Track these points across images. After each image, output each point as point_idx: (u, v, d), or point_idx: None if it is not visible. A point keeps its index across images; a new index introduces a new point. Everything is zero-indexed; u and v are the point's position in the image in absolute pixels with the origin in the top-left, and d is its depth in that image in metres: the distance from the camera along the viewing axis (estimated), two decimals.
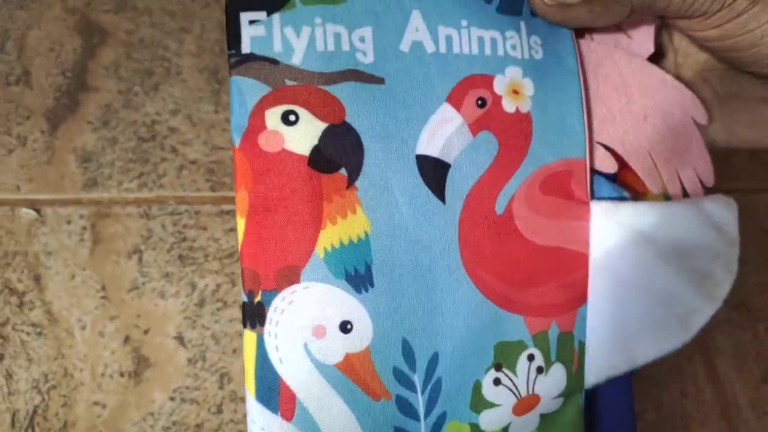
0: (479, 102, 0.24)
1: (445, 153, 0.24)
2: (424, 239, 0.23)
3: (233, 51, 0.23)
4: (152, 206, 0.44)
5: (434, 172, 0.24)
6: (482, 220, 0.24)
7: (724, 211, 0.26)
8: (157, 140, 0.46)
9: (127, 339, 0.40)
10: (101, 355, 0.40)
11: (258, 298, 0.23)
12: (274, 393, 0.23)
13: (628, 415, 0.28)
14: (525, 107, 0.25)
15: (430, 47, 0.24)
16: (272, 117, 0.23)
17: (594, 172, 0.26)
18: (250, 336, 0.23)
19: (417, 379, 0.24)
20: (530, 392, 0.25)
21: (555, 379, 0.25)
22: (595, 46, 0.27)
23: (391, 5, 0.24)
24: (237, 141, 0.23)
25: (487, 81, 0.24)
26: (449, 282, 0.24)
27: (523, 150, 0.25)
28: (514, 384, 0.25)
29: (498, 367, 0.25)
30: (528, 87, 0.25)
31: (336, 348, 0.23)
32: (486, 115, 0.24)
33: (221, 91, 0.48)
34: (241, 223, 0.23)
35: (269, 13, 0.23)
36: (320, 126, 0.23)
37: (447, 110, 0.24)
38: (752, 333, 0.46)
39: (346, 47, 0.23)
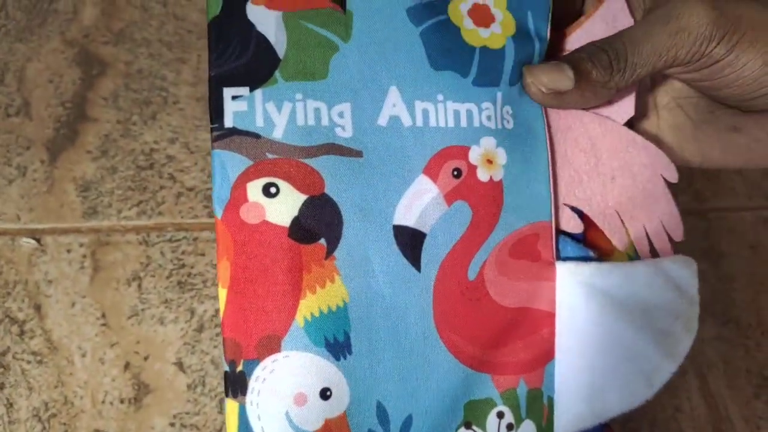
0: (455, 172, 0.25)
1: (421, 223, 0.25)
2: (400, 307, 0.24)
3: (216, 125, 0.23)
4: (151, 233, 0.44)
5: (410, 242, 0.24)
6: (455, 287, 0.25)
7: (683, 271, 0.27)
8: (155, 168, 0.46)
9: (127, 365, 0.41)
10: (101, 382, 0.40)
11: (240, 368, 0.23)
12: None
13: None
14: (498, 176, 0.25)
15: (407, 121, 0.25)
16: (254, 189, 0.23)
17: (561, 232, 0.27)
18: (232, 405, 0.23)
19: None
20: None
21: None
22: (563, 112, 0.28)
23: (369, 82, 0.24)
24: (219, 213, 0.23)
25: (462, 152, 0.25)
26: (424, 347, 0.24)
27: (494, 217, 0.25)
28: None
29: (468, 425, 0.25)
30: (501, 156, 0.25)
31: (316, 415, 0.23)
32: (461, 185, 0.25)
33: None
34: (222, 294, 0.23)
35: (252, 89, 0.24)
36: (300, 198, 0.24)
37: (423, 182, 0.25)
38: (743, 349, 0.47)
39: (325, 122, 0.24)
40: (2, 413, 0.38)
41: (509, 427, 0.25)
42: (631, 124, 0.28)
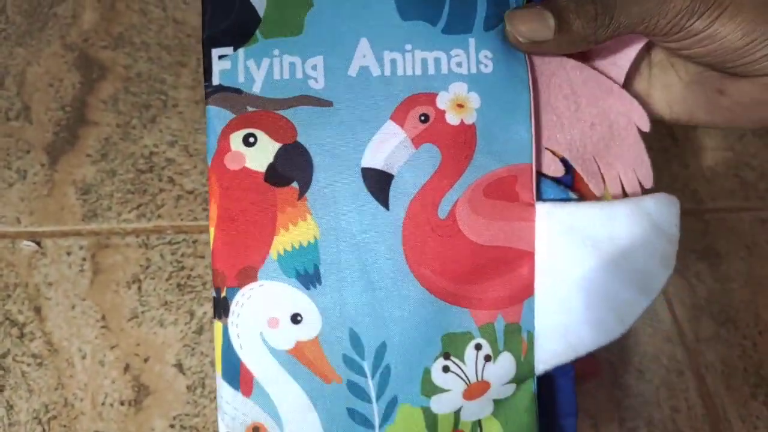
0: (422, 118, 0.26)
1: (389, 165, 0.26)
2: (368, 242, 0.26)
3: (207, 83, 0.26)
4: (151, 236, 0.45)
5: (378, 182, 0.26)
6: (425, 224, 0.26)
7: (665, 209, 0.27)
8: (155, 171, 0.47)
9: (127, 367, 0.41)
10: (101, 384, 0.40)
11: (224, 294, 0.26)
12: (236, 373, 0.26)
13: (573, 399, 0.30)
14: (470, 119, 0.27)
15: (375, 71, 0.26)
16: (236, 140, 0.26)
17: (542, 175, 0.28)
18: (218, 325, 0.26)
19: (366, 365, 0.27)
20: (479, 378, 0.27)
21: (504, 366, 0.27)
22: (548, 58, 0.28)
23: (341, 35, 0.26)
24: (210, 161, 0.26)
25: (429, 98, 0.26)
26: (394, 280, 0.26)
27: (466, 159, 0.27)
28: (462, 371, 0.27)
29: (446, 356, 0.27)
30: (473, 100, 0.27)
31: (288, 336, 0.26)
32: (429, 129, 0.26)
33: None
34: (212, 232, 0.26)
35: (235, 48, 0.26)
36: (275, 146, 0.26)
37: (391, 127, 0.26)
38: (740, 349, 0.47)
39: (299, 75, 0.26)
40: (2, 415, 0.39)
41: (487, 358, 0.27)
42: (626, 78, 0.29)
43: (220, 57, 0.26)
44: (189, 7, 0.53)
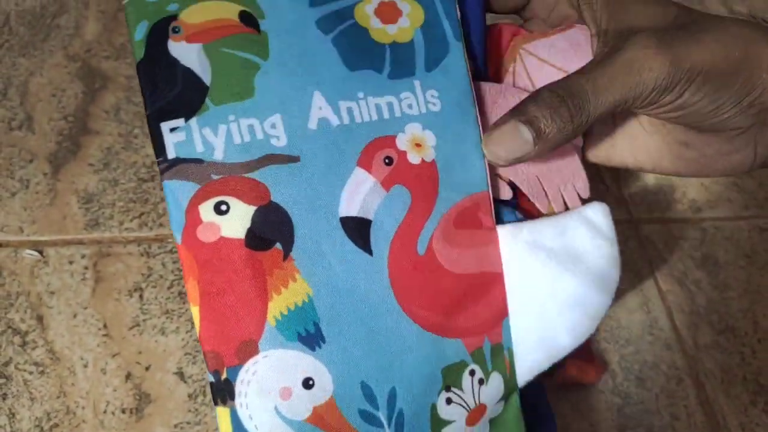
0: (386, 160, 0.27)
1: (365, 211, 0.26)
2: (360, 290, 0.26)
3: (161, 158, 0.24)
4: (152, 245, 0.45)
5: (358, 230, 0.26)
6: (408, 263, 0.27)
7: (599, 214, 0.29)
8: (156, 180, 0.47)
9: (128, 376, 0.41)
10: (103, 392, 0.40)
11: (224, 376, 0.25)
12: None
13: (546, 402, 0.33)
14: (429, 157, 0.27)
15: (335, 121, 0.26)
16: (205, 210, 0.24)
17: (498, 202, 0.29)
18: (223, 411, 0.25)
19: (382, 415, 0.26)
20: (477, 403, 0.28)
21: (494, 386, 0.28)
22: (489, 87, 0.29)
23: (293, 91, 0.26)
24: (179, 238, 0.25)
25: (390, 141, 0.27)
26: (390, 323, 0.26)
27: (433, 194, 0.27)
28: (463, 399, 0.27)
29: (448, 388, 0.27)
30: (429, 138, 0.27)
31: (303, 404, 0.25)
32: (394, 170, 0.27)
33: None
34: (195, 311, 0.25)
35: (187, 119, 0.25)
36: (250, 210, 0.25)
37: (359, 173, 0.26)
38: (739, 356, 0.47)
39: (260, 136, 0.25)
40: (4, 424, 0.39)
41: (480, 381, 0.28)
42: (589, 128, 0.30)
43: (172, 129, 0.24)
44: None
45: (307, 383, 0.25)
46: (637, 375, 0.45)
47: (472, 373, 0.28)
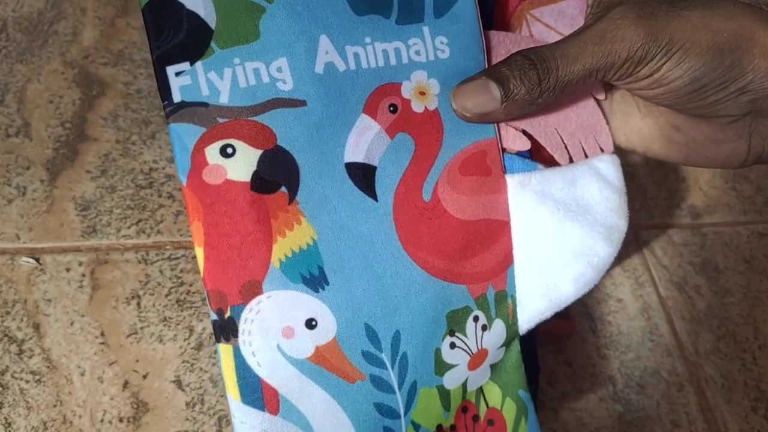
0: (391, 108, 0.27)
1: (370, 157, 0.26)
2: (365, 235, 0.26)
3: (166, 102, 0.25)
4: (150, 252, 0.45)
5: (363, 176, 0.26)
6: (413, 209, 0.27)
7: (609, 166, 0.30)
8: (154, 187, 0.47)
9: (126, 384, 0.41)
10: (100, 401, 0.40)
11: (228, 314, 0.25)
12: (258, 394, 0.25)
13: (535, 354, 0.33)
14: (432, 105, 0.27)
15: (341, 66, 0.26)
16: (212, 153, 0.25)
17: (505, 151, 0.29)
18: (225, 348, 0.25)
19: (385, 356, 0.27)
20: (479, 348, 0.28)
21: (497, 332, 0.29)
22: (503, 36, 0.29)
23: (299, 35, 0.26)
24: (184, 180, 0.25)
25: (395, 89, 0.27)
26: (396, 268, 0.27)
27: (437, 142, 0.27)
28: (466, 344, 0.28)
29: (452, 333, 0.28)
30: (433, 87, 0.27)
31: (306, 344, 0.26)
32: (399, 118, 0.27)
33: None
34: (199, 252, 0.25)
35: (192, 63, 0.25)
36: (256, 153, 0.25)
37: (365, 120, 0.26)
38: (740, 363, 0.47)
39: (266, 79, 0.26)
40: None
41: (483, 328, 0.28)
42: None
43: (177, 74, 0.25)
44: None
45: (310, 323, 0.26)
46: (638, 382, 0.45)
47: (476, 319, 0.28)
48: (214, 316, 0.25)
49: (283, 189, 0.25)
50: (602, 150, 0.30)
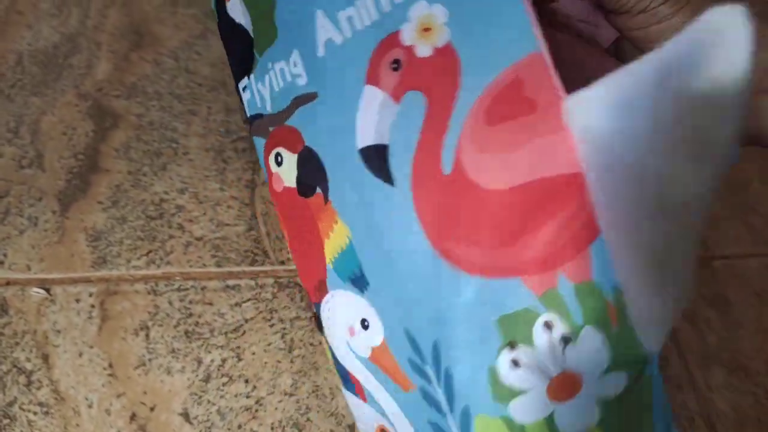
0: (393, 65, 0.22)
1: (379, 135, 0.23)
2: (386, 228, 0.22)
3: (245, 117, 0.26)
4: (159, 283, 0.45)
5: (376, 159, 0.23)
6: (432, 186, 0.21)
7: (726, 17, 0.16)
8: (164, 218, 0.47)
9: (133, 416, 0.40)
10: None
11: (314, 310, 0.27)
12: (349, 382, 0.26)
13: (663, 400, 0.22)
14: (442, 40, 0.21)
15: (338, 39, 0.24)
16: (271, 162, 0.26)
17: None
18: (324, 339, 0.27)
19: (429, 370, 0.22)
20: (562, 369, 0.20)
21: (591, 347, 0.19)
22: None
23: (302, 19, 0.25)
24: (269, 189, 0.26)
25: (394, 39, 0.22)
26: (421, 265, 0.21)
27: (453, 87, 0.21)
28: (536, 362, 0.20)
29: (512, 346, 0.20)
30: (438, 15, 0.21)
31: (364, 343, 0.25)
32: (403, 74, 0.22)
33: (226, 170, 0.50)
34: (293, 254, 0.26)
35: (249, 76, 0.26)
36: (293, 158, 0.25)
37: (368, 92, 0.23)
38: (753, 397, 0.46)
39: (289, 78, 0.25)
40: None
41: (565, 340, 0.19)
42: None
43: (243, 89, 0.26)
44: (201, 58, 0.54)
45: (364, 323, 0.25)
46: None
47: (548, 325, 0.20)
48: (314, 308, 0.26)
49: (318, 190, 0.25)
50: None
